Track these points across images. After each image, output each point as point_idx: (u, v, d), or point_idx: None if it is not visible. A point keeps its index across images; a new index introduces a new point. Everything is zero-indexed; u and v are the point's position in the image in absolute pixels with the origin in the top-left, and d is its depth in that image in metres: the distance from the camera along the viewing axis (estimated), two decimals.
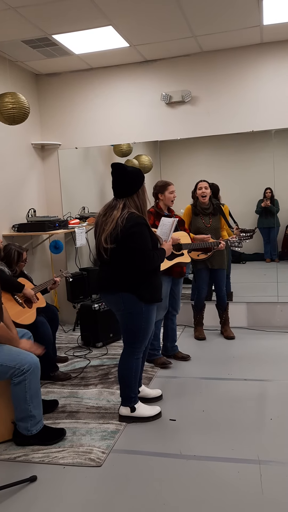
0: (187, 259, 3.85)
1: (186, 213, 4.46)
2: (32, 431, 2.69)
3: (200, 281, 4.50)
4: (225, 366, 3.84)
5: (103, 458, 2.54)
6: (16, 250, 3.63)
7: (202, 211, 4.40)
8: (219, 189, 4.87)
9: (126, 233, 2.65)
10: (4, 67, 4.70)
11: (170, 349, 4.06)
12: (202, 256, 4.38)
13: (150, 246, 2.74)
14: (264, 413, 2.99)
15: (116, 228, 2.67)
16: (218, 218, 4.45)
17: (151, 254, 2.72)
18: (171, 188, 3.77)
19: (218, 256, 4.43)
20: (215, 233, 4.39)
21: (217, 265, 4.45)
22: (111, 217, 2.72)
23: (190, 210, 4.45)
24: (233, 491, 2.21)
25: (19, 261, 3.66)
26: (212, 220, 4.40)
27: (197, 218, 4.41)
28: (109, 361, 4.08)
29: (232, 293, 5.12)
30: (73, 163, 5.49)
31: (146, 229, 2.73)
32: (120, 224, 2.66)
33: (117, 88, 5.16)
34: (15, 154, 4.92)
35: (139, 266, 2.72)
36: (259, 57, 4.76)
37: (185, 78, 4.96)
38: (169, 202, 3.78)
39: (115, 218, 2.69)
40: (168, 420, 2.97)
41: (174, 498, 2.19)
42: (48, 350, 3.65)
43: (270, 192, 5.15)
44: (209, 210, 4.41)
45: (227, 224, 4.53)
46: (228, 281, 4.96)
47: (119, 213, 2.70)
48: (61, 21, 3.90)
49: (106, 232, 2.71)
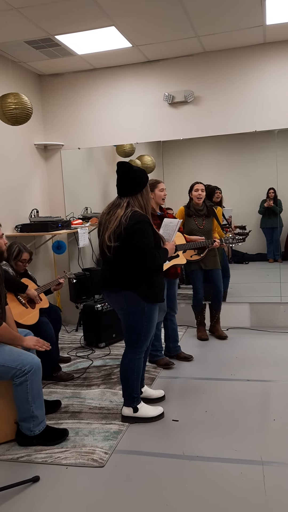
0: (183, 260, 3.85)
1: (179, 215, 4.45)
2: (35, 431, 2.69)
3: (196, 282, 4.50)
4: (228, 367, 3.83)
5: (106, 459, 2.54)
6: (18, 246, 3.63)
7: (196, 212, 4.40)
8: (215, 191, 4.86)
9: (129, 230, 2.66)
10: (7, 68, 4.71)
11: (173, 350, 4.06)
12: (195, 257, 4.38)
13: (153, 244, 2.74)
14: (267, 413, 2.98)
15: (119, 226, 2.67)
16: (211, 220, 4.45)
17: (153, 252, 2.72)
18: (161, 186, 3.76)
19: (211, 257, 4.43)
20: (208, 235, 4.38)
21: (211, 266, 4.45)
22: (115, 215, 2.72)
23: (183, 212, 4.44)
24: (236, 492, 2.21)
25: (17, 258, 3.63)
26: (205, 222, 4.40)
27: (190, 220, 4.41)
28: (111, 362, 4.08)
29: (227, 293, 5.11)
30: (76, 163, 5.49)
31: (149, 227, 2.73)
32: (123, 222, 2.66)
33: (120, 89, 5.16)
34: (18, 154, 4.93)
35: (141, 264, 2.72)
36: (262, 57, 4.75)
37: (188, 78, 4.95)
38: (160, 200, 3.77)
39: (118, 216, 2.70)
40: (171, 420, 2.96)
41: (176, 499, 2.19)
42: (51, 350, 3.66)
43: (273, 192, 5.14)
44: (203, 212, 4.41)
45: (219, 226, 4.52)
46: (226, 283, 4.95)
47: (123, 211, 2.70)
48: (64, 22, 3.90)
49: (109, 230, 2.72)
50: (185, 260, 3.88)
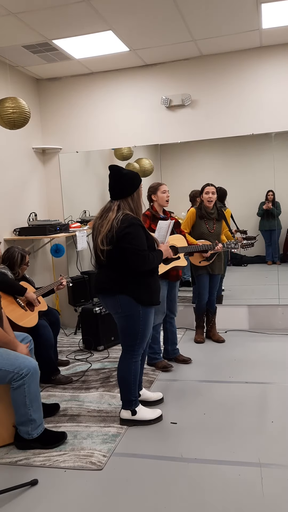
0: (184, 262, 3.84)
1: (190, 216, 4.40)
2: (33, 434, 2.69)
3: (201, 287, 4.48)
4: (226, 369, 3.83)
5: (104, 462, 2.54)
6: (19, 253, 3.65)
7: (207, 215, 4.36)
8: (226, 194, 4.86)
9: (120, 234, 2.66)
10: (5, 72, 4.73)
11: (171, 352, 4.06)
12: (204, 263, 4.38)
13: (145, 246, 2.73)
14: (265, 416, 2.99)
15: (111, 230, 2.68)
16: (221, 224, 4.44)
17: (146, 255, 2.71)
18: (163, 188, 3.77)
19: (218, 262, 4.43)
20: (218, 239, 4.37)
21: (217, 271, 4.45)
22: (107, 219, 2.73)
23: (194, 213, 4.38)
24: (234, 494, 2.21)
25: (22, 263, 3.68)
26: (216, 225, 4.39)
27: (201, 223, 4.37)
28: (110, 365, 4.08)
29: (222, 296, 5.12)
30: (74, 167, 5.51)
31: (141, 229, 2.73)
32: (115, 225, 2.67)
33: (118, 92, 5.18)
34: (16, 158, 4.94)
35: (134, 266, 2.72)
36: (258, 61, 4.77)
37: (185, 81, 4.98)
38: (163, 202, 3.77)
39: (110, 220, 2.71)
40: (169, 423, 2.97)
41: (175, 502, 2.19)
42: (50, 353, 3.66)
43: (272, 195, 5.15)
44: (214, 215, 4.38)
45: (228, 227, 4.52)
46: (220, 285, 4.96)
47: (114, 214, 2.72)
48: (61, 26, 3.93)
49: (102, 234, 2.73)
50: (185, 262, 3.87)
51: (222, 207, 4.51)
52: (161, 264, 3.59)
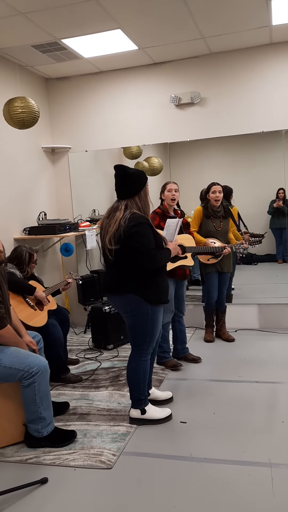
0: (190, 262, 3.83)
1: (197, 215, 4.41)
2: (43, 433, 2.70)
3: (211, 285, 4.46)
4: (236, 368, 3.81)
5: (114, 461, 2.54)
6: (27, 251, 3.66)
7: (214, 213, 4.36)
8: (232, 192, 4.85)
9: (128, 233, 2.66)
10: (14, 72, 4.75)
11: (181, 351, 4.05)
12: (212, 261, 4.36)
13: (153, 245, 2.73)
14: (276, 415, 2.96)
15: (119, 229, 2.68)
16: (228, 221, 4.43)
17: (154, 253, 2.70)
18: (168, 186, 3.78)
19: (227, 260, 4.41)
20: (225, 237, 4.37)
21: (226, 269, 4.44)
22: (114, 218, 2.73)
23: (201, 212, 4.40)
24: (244, 494, 2.19)
25: (30, 262, 3.69)
26: (223, 223, 4.38)
27: (208, 221, 4.37)
28: (120, 363, 4.08)
29: (232, 295, 5.09)
30: (83, 166, 5.52)
31: (149, 228, 2.72)
32: (122, 224, 2.67)
33: (127, 91, 5.18)
34: (26, 157, 4.97)
35: (142, 265, 2.71)
36: (268, 58, 4.73)
37: (194, 79, 4.95)
38: (168, 200, 3.79)
39: (117, 219, 2.70)
40: (179, 422, 2.96)
41: (184, 501, 2.18)
42: (59, 352, 3.68)
43: (283, 193, 5.11)
44: (220, 213, 4.38)
45: (236, 226, 4.50)
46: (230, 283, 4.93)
47: (122, 214, 2.71)
48: (70, 26, 3.93)
49: (109, 233, 2.73)
50: (192, 262, 3.86)
51: (229, 205, 4.49)
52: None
